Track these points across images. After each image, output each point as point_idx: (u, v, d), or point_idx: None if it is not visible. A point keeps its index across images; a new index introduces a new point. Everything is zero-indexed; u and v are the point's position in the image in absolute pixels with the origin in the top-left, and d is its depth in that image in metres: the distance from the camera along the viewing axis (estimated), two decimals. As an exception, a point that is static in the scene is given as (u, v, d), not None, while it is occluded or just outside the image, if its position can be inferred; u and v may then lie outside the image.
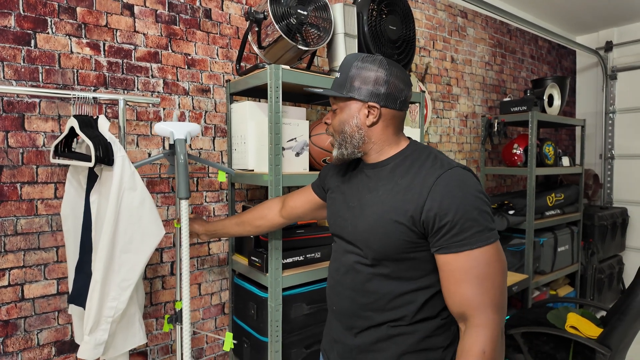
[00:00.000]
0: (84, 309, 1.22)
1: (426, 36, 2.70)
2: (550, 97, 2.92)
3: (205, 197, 1.77)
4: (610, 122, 4.00)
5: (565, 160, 3.05)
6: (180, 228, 1.27)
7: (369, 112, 0.92)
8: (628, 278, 3.90)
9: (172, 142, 1.27)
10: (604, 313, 3.00)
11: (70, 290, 1.30)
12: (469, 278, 0.81)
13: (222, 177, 1.50)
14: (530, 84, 3.49)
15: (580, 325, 1.98)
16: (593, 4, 3.28)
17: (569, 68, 4.17)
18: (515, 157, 2.81)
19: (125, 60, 1.54)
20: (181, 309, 1.25)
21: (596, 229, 3.44)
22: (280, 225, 1.33)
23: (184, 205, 1.24)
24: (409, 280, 0.89)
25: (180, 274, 1.25)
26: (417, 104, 1.97)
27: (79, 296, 1.27)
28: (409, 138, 1.00)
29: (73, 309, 1.34)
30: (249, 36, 1.60)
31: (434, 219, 0.82)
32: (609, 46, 3.94)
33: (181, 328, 1.37)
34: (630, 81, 3.89)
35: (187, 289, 1.22)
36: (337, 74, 0.96)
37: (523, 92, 3.51)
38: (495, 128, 2.80)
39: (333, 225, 1.04)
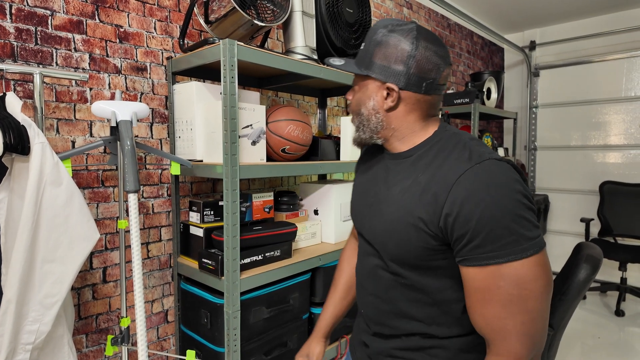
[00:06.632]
0: (-7, 335, 0.97)
1: (374, 24, 2.65)
2: (489, 91, 3.04)
3: (143, 192, 1.54)
4: (533, 116, 4.32)
5: (501, 151, 3.21)
6: (129, 228, 1.05)
7: (387, 94, 0.77)
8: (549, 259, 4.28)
9: (113, 125, 1.05)
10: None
11: (-29, 311, 1.04)
12: (493, 298, 0.66)
13: (175, 170, 1.29)
14: (469, 78, 3.63)
15: (524, 308, 2.08)
16: (519, 4, 3.48)
17: (498, 64, 4.42)
18: (458, 148, 2.89)
19: (39, 28, 1.27)
20: (128, 327, 1.05)
21: (524, 215, 3.69)
22: None
23: (133, 200, 1.04)
24: (435, 292, 0.77)
25: (125, 283, 1.04)
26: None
27: (-16, 319, 1.02)
28: (441, 121, 0.83)
29: (-24, 335, 1.07)
30: (195, 8, 1.41)
31: (452, 226, 0.67)
32: (532, 45, 4.23)
33: (126, 350, 1.17)
34: (550, 78, 4.22)
35: (142, 301, 1.02)
36: (363, 44, 0.82)
37: (463, 85, 3.64)
38: (440, 119, 2.86)
39: (354, 217, 0.93)
